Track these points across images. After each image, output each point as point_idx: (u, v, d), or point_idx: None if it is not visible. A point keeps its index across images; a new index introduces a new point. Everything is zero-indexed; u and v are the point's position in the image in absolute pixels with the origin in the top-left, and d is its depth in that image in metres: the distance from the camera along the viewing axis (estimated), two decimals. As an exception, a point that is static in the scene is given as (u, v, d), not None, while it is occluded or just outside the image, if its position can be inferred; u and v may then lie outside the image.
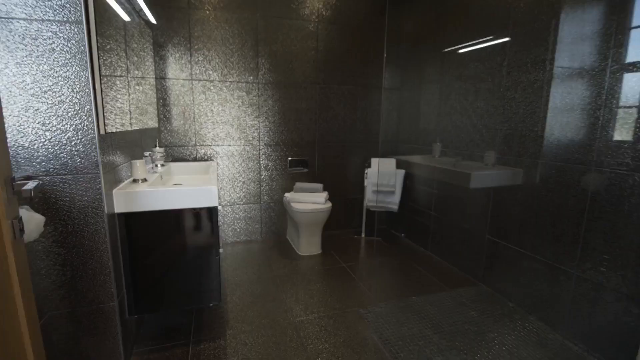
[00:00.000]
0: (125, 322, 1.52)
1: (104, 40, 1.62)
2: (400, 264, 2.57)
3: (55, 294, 1.32)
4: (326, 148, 2.99)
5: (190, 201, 1.53)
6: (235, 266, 2.48)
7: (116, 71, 1.79)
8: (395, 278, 2.36)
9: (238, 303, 2.00)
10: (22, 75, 1.16)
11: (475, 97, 2.23)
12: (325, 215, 2.57)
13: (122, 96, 1.84)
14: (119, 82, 1.82)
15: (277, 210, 2.97)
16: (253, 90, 2.69)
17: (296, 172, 2.95)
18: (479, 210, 2.22)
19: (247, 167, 2.81)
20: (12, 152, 1.19)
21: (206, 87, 2.58)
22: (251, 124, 2.75)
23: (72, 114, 1.23)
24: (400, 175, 2.86)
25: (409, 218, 2.99)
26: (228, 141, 2.72)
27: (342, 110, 2.97)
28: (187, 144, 2.63)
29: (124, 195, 1.44)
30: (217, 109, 2.64)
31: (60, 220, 1.28)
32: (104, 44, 1.63)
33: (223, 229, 2.86)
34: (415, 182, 2.87)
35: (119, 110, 1.76)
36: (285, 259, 2.62)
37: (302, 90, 2.82)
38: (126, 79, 1.96)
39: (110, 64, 1.70)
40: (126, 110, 1.92)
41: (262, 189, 2.89)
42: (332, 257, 2.64)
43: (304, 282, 2.25)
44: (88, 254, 1.33)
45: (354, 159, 3.10)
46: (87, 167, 1.27)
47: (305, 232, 2.63)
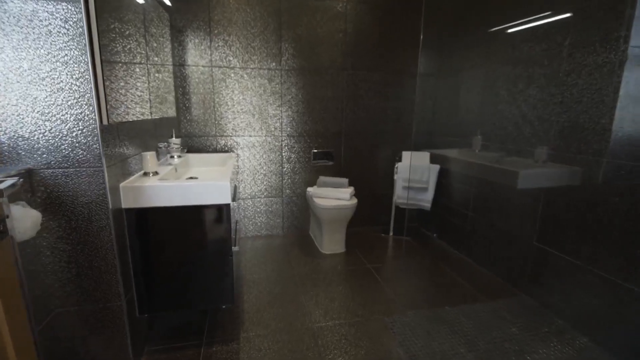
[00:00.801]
0: (135, 321, 1.45)
1: (122, 26, 1.53)
2: (432, 267, 2.35)
3: (61, 291, 1.26)
4: (353, 140, 2.79)
5: (200, 197, 1.42)
6: (254, 262, 2.38)
7: (135, 58, 1.71)
8: (425, 283, 2.15)
9: (254, 303, 1.90)
10: (19, 61, 1.08)
11: (527, 84, 1.94)
12: (350, 212, 2.40)
13: (142, 84, 1.76)
14: (139, 70, 1.75)
15: (300, 204, 2.84)
16: (275, 77, 2.54)
17: (320, 165, 2.78)
18: (525, 212, 1.95)
19: (268, 159, 2.69)
20: (12, 143, 1.11)
21: (226, 74, 2.46)
22: (273, 113, 2.60)
23: (72, 103, 1.13)
24: (434, 171, 2.62)
25: (442, 217, 2.74)
26: (249, 132, 2.59)
27: (372, 99, 2.75)
28: (208, 135, 2.54)
29: (131, 190, 1.35)
30: (237, 98, 2.52)
31: (64, 216, 1.20)
32: (123, 30, 1.54)
33: (243, 223, 2.77)
34: (451, 178, 2.61)
35: (139, 99, 1.69)
36: (306, 256, 2.48)
37: (328, 77, 2.62)
38: (145, 66, 1.87)
39: (130, 50, 1.62)
40: (146, 99, 1.84)
41: (284, 182, 2.76)
42: (356, 257, 2.48)
43: (325, 283, 2.11)
44: (93, 251, 1.26)
45: (383, 152, 2.88)
46: (89, 160, 1.18)
47: (328, 230, 2.48)
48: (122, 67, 1.53)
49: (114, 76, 1.37)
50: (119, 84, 1.32)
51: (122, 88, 1.37)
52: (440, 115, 2.82)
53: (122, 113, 1.33)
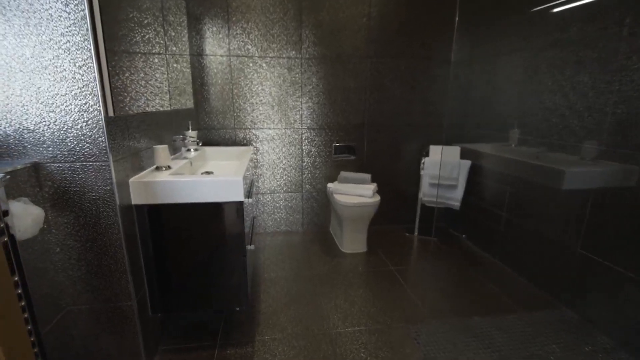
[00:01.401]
0: (148, 320, 1.40)
1: (140, 15, 1.46)
2: (460, 271, 2.19)
3: (72, 289, 1.22)
4: (377, 133, 2.64)
5: (211, 194, 1.33)
6: (273, 259, 2.30)
7: (154, 48, 1.65)
8: (453, 289, 2.00)
9: (271, 304, 1.82)
10: (22, 48, 1.01)
11: (576, 70, 1.72)
12: (372, 210, 2.26)
13: (160, 75, 1.70)
14: (158, 60, 1.69)
15: (320, 200, 2.73)
16: (295, 66, 2.42)
17: (341, 159, 2.65)
18: (570, 216, 1.74)
19: (288, 153, 2.59)
20: (18, 135, 1.06)
21: (244, 63, 2.36)
22: (293, 104, 2.49)
23: (76, 93, 1.06)
24: (465, 167, 2.43)
25: (472, 218, 2.55)
26: (267, 124, 2.50)
27: (397, 89, 2.58)
28: (226, 127, 2.46)
29: (140, 185, 1.28)
30: (256, 89, 2.42)
31: (72, 212, 1.15)
32: (141, 19, 1.48)
33: (262, 218, 2.70)
34: (484, 175, 2.41)
35: (156, 90, 1.64)
36: (326, 255, 2.38)
37: (350, 65, 2.47)
38: (165, 56, 1.81)
39: (148, 40, 1.56)
40: (165, 90, 1.78)
41: (304, 177, 2.65)
42: (378, 258, 2.34)
43: (344, 285, 2.00)
44: (102, 249, 1.20)
45: (409, 146, 2.71)
46: (95, 154, 1.12)
47: (349, 228, 2.36)
48: (142, 58, 1.48)
49: (133, 67, 1.33)
50: (128, 74, 1.25)
51: (138, 78, 1.30)
52: (472, 106, 2.61)
53: (131, 104, 1.26)
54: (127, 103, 1.23)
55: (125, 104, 1.22)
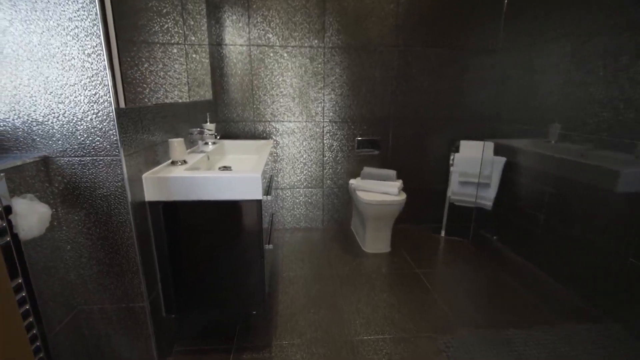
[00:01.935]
0: (161, 321, 1.35)
1: (159, 4, 1.39)
2: (493, 277, 2.03)
3: (83, 288, 1.17)
4: (403, 126, 2.49)
5: (227, 191, 1.25)
6: (291, 257, 2.22)
7: (173, 37, 1.58)
8: (485, 296, 1.85)
9: (289, 305, 1.74)
10: (29, 35, 0.95)
11: (635, 57, 1.51)
12: (397, 208, 2.13)
13: (179, 65, 1.64)
14: (176, 50, 1.62)
15: (341, 196, 2.62)
16: (318, 56, 2.30)
17: (365, 154, 2.53)
18: (620, 221, 1.56)
19: (308, 147, 2.48)
20: (27, 128, 1.01)
21: (265, 53, 2.26)
22: (314, 96, 2.38)
23: (85, 83, 1.00)
24: (499, 164, 2.24)
25: (506, 219, 2.37)
26: (288, 116, 2.40)
27: (426, 80, 2.41)
28: (245, 120, 2.39)
29: (154, 181, 1.22)
30: (276, 80, 2.32)
31: (83, 209, 1.10)
32: (160, 7, 1.41)
33: (281, 214, 2.62)
34: (520, 174, 2.22)
35: (175, 81, 1.58)
36: (347, 254, 2.27)
37: (376, 55, 2.33)
38: (184, 46, 1.74)
39: (167, 30, 1.50)
40: (184, 81, 1.72)
41: (325, 173, 2.55)
42: (403, 259, 2.22)
43: (367, 288, 1.89)
44: (114, 248, 1.15)
45: (438, 141, 2.55)
46: (106, 148, 1.05)
47: (372, 226, 2.24)
48: (160, 48, 1.42)
49: (152, 57, 1.28)
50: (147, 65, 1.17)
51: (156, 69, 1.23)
52: (508, 98, 2.40)
53: (146, 95, 1.19)
54: (142, 94, 1.16)
55: (139, 95, 1.14)
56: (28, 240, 0.89)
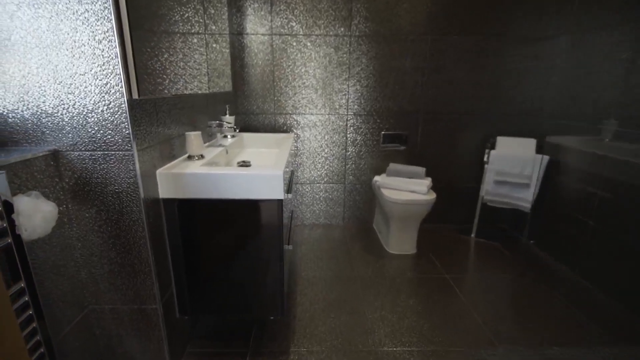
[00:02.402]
0: (175, 322, 1.29)
1: None
2: (531, 286, 1.86)
3: (94, 287, 1.13)
4: (433, 120, 2.33)
5: (246, 190, 1.16)
6: (310, 256, 2.13)
7: (193, 27, 1.51)
8: (523, 308, 1.69)
9: (308, 308, 1.65)
10: (37, 20, 0.88)
11: None
12: (425, 209, 1.99)
13: (199, 55, 1.57)
14: (197, 40, 1.55)
15: (364, 193, 2.49)
16: (343, 45, 2.16)
17: (390, 149, 2.39)
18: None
19: (330, 141, 2.37)
20: (36, 120, 0.95)
21: (287, 42, 2.15)
22: (338, 88, 2.25)
23: (96, 71, 0.92)
24: (541, 163, 2.05)
25: (546, 222, 2.17)
26: (310, 109, 2.29)
27: (461, 70, 2.23)
28: (266, 112, 2.30)
29: (169, 177, 1.14)
30: (299, 70, 2.21)
31: (94, 206, 1.04)
32: None
33: (300, 209, 2.53)
34: (565, 174, 2.02)
35: (197, 72, 1.52)
36: (369, 255, 2.16)
37: (407, 44, 2.17)
38: (204, 36, 1.67)
39: (187, 19, 1.42)
40: (204, 72, 1.65)
41: (347, 168, 2.43)
42: (430, 262, 2.08)
43: (392, 293, 1.78)
44: (126, 248, 1.09)
45: (471, 137, 2.37)
46: (117, 142, 0.98)
47: (397, 227, 2.11)
48: (180, 38, 1.36)
49: (172, 48, 1.22)
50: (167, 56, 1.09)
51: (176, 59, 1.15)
52: (553, 91, 2.18)
53: (162, 85, 1.11)
54: (160, 84, 1.08)
55: (157, 86, 1.07)
56: (33, 240, 0.83)
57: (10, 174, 0.84)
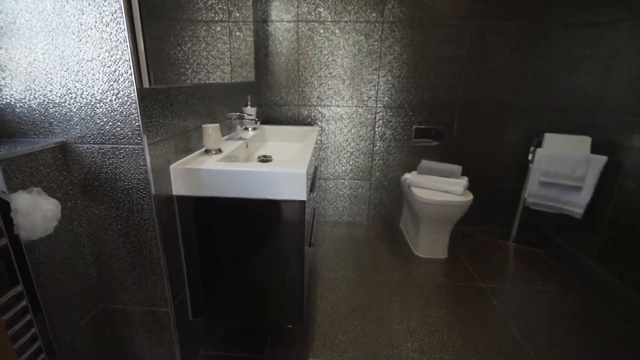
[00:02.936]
0: (188, 325, 1.23)
1: None
2: (578, 300, 1.66)
3: (105, 286, 1.08)
4: (471, 114, 2.13)
5: (266, 188, 1.06)
6: (332, 255, 2.02)
7: (217, 14, 1.42)
8: (572, 327, 1.50)
9: (329, 313, 1.55)
10: (42, 1, 0.81)
11: None
12: (460, 211, 1.82)
13: (222, 44, 1.49)
14: (220, 28, 1.46)
15: (391, 190, 2.34)
16: (374, 32, 2.00)
17: (422, 145, 2.21)
18: None
19: (357, 135, 2.23)
20: (43, 110, 0.89)
21: (314, 30, 2.02)
22: (368, 78, 2.10)
23: (104, 57, 0.84)
24: (598, 164, 1.81)
25: (599, 230, 1.93)
26: (336, 100, 2.16)
27: (506, 59, 2.01)
28: (290, 103, 2.19)
29: (183, 173, 1.06)
30: (325, 59, 2.08)
31: (103, 203, 0.97)
32: None
33: (323, 206, 2.42)
34: (627, 177, 1.77)
35: (220, 62, 1.43)
36: (396, 257, 2.02)
37: (446, 30, 1.98)
38: (228, 24, 1.57)
39: (211, 6, 1.34)
40: (227, 62, 1.57)
41: (374, 164, 2.28)
42: (463, 268, 1.91)
43: (420, 302, 1.64)
44: (136, 247, 1.02)
45: (514, 133, 2.15)
46: (127, 135, 0.90)
47: (427, 228, 1.96)
48: (204, 26, 1.28)
49: (195, 36, 1.15)
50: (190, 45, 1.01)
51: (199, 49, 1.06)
52: (615, 84, 1.92)
53: (176, 73, 1.02)
54: (173, 73, 0.99)
55: (170, 74, 0.98)
56: (33, 240, 0.77)
57: (13, 168, 0.78)
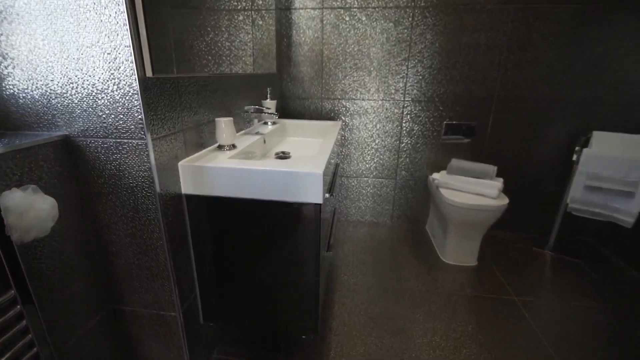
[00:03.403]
0: (198, 329, 1.17)
1: None
2: (626, 319, 1.47)
3: (113, 287, 1.03)
4: (509, 109, 1.94)
5: (278, 189, 0.97)
6: (352, 258, 1.92)
7: (240, 3, 1.34)
8: (615, 348, 1.33)
9: (347, 322, 1.45)
10: (39, -20, 0.75)
11: None
12: (494, 215, 1.67)
13: (245, 35, 1.42)
14: (242, 17, 1.39)
15: (418, 190, 2.20)
16: (404, 18, 1.85)
17: (453, 142, 2.05)
18: None
19: (382, 131, 2.09)
20: (45, 101, 0.84)
21: (340, 17, 1.89)
22: (396, 69, 1.95)
23: (104, 43, 0.77)
24: (657, 168, 1.60)
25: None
26: (361, 93, 2.03)
27: (550, 48, 1.81)
28: (312, 96, 2.08)
29: (192, 170, 0.99)
30: (350, 49, 1.95)
31: (108, 201, 0.92)
32: None
33: (345, 204, 2.32)
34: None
35: (242, 52, 1.38)
36: (420, 263, 1.89)
37: (483, 15, 1.79)
38: (250, 12, 1.49)
39: None
40: (249, 52, 1.49)
41: (400, 162, 2.14)
42: (494, 279, 1.76)
43: (446, 314, 1.51)
44: (142, 248, 0.96)
45: (557, 130, 1.94)
46: (129, 129, 0.83)
47: (456, 233, 1.81)
48: (226, 16, 1.22)
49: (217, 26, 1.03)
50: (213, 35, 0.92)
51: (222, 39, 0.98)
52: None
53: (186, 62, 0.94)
54: (182, 61, 0.91)
55: (177, 63, 0.90)
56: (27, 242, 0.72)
57: (10, 163, 0.73)
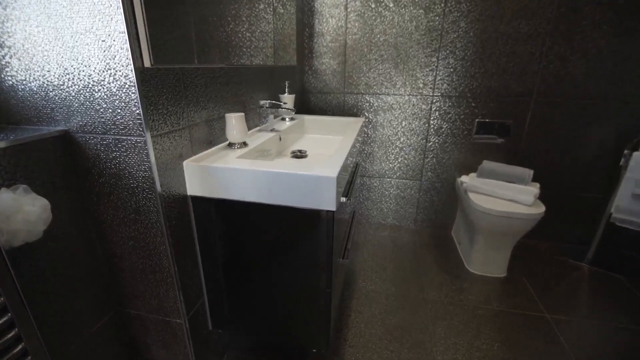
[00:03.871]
0: (206, 335, 1.11)
1: None
2: (683, 353, 1.30)
3: (119, 290, 0.99)
4: (549, 106, 1.75)
5: (286, 194, 0.87)
6: (372, 263, 1.82)
7: None
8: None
9: (362, 332, 1.36)
10: (31, -41, 0.68)
11: None
12: (528, 224, 1.51)
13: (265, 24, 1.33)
14: (263, 6, 1.30)
15: (444, 193, 2.06)
16: (436, 4, 1.70)
17: (485, 142, 1.89)
18: None
19: (408, 128, 1.96)
20: (43, 93, 0.78)
21: (365, 4, 1.76)
22: (424, 61, 1.80)
23: (98, 29, 0.70)
24: None
25: None
26: (387, 88, 1.90)
27: (602, 38, 1.60)
28: (334, 91, 1.97)
29: (197, 170, 0.91)
30: (376, 39, 1.82)
31: (110, 201, 0.86)
32: None
33: (366, 206, 2.21)
34: None
35: (263, 44, 1.32)
36: (444, 271, 1.76)
37: (525, 0, 1.61)
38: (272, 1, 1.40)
39: None
40: (269, 44, 1.41)
41: (426, 162, 2.00)
42: (525, 292, 1.61)
43: (470, 330, 1.38)
44: (145, 253, 0.90)
45: (603, 131, 1.74)
46: (127, 125, 0.76)
47: (485, 241, 1.67)
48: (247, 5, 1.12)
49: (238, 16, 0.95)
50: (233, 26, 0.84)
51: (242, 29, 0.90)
52: None
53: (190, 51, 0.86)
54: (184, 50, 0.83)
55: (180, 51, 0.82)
56: (15, 247, 0.67)
57: (4, 161, 0.68)
